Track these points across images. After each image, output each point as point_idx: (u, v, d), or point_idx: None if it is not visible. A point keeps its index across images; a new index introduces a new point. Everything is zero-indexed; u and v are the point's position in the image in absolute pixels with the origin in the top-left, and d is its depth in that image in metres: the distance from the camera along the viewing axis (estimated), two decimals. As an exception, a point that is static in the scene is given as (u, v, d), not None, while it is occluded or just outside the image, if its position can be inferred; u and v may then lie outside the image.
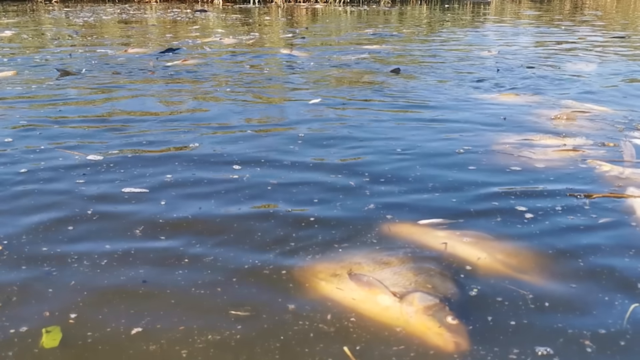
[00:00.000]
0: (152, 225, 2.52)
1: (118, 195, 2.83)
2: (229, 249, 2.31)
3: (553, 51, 8.03)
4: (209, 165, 3.27)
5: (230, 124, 4.13)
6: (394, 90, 5.24)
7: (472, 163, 3.25)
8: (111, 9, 15.36)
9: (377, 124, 4.10)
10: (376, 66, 6.63)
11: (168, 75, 6.01)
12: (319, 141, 3.69)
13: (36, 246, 2.33)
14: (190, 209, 2.69)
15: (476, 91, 5.23)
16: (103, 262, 2.21)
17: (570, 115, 4.21)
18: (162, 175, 3.11)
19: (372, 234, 2.41)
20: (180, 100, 4.89)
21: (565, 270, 2.14)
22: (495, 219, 2.55)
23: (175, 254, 2.27)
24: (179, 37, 9.58)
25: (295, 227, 2.48)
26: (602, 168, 3.14)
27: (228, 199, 2.79)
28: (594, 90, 5.35)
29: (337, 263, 2.17)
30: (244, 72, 6.28)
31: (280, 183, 3.00)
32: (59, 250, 2.30)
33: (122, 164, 3.27)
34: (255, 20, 13.44)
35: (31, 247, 2.31)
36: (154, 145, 3.63)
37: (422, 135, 3.81)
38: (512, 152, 3.45)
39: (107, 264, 2.20)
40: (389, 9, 17.89)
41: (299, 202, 2.76)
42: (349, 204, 2.72)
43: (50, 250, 2.30)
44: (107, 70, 6.26)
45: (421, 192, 2.86)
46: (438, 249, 2.28)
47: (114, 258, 2.24)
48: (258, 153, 3.48)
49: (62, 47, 8.35)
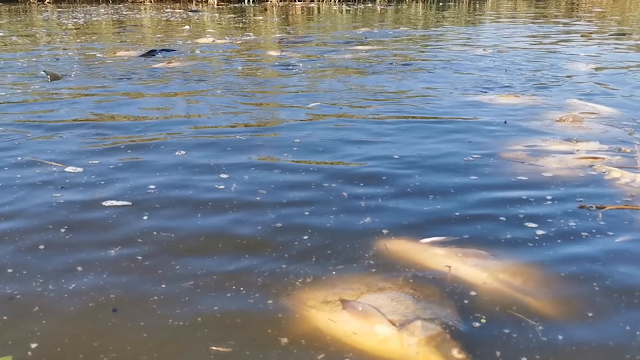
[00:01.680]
0: (131, 243, 2.33)
1: (98, 210, 2.64)
2: (211, 272, 2.11)
3: (550, 50, 7.85)
4: (196, 175, 3.08)
5: (219, 129, 3.95)
6: (388, 93, 5.04)
7: (474, 172, 3.05)
8: (104, 10, 15.15)
9: (373, 129, 3.90)
10: (372, 66, 6.43)
11: (155, 77, 5.80)
12: (314, 147, 3.50)
13: (1, 266, 2.14)
14: (173, 224, 2.50)
15: (473, 93, 5.02)
16: (71, 286, 2.02)
17: (576, 117, 4.00)
18: (145, 186, 2.92)
19: (368, 254, 2.22)
20: (165, 105, 4.68)
21: (580, 296, 1.94)
22: (504, 236, 2.34)
23: (152, 278, 2.07)
24: (171, 38, 9.38)
25: (286, 247, 2.28)
26: (612, 175, 2.94)
27: (213, 213, 2.60)
28: (595, 89, 5.17)
29: (330, 289, 1.98)
30: (235, 74, 6.07)
31: (270, 194, 2.82)
32: (24, 272, 2.11)
33: (103, 174, 3.08)
34: (249, 20, 13.24)
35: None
36: (137, 153, 3.44)
37: (419, 142, 3.60)
38: (517, 159, 3.25)
39: (76, 287, 2.01)
40: (384, 7, 17.71)
41: (289, 216, 2.57)
42: (343, 218, 2.53)
43: (16, 272, 2.11)
44: (94, 74, 6.06)
45: (421, 205, 2.66)
46: (440, 272, 2.09)
47: (84, 282, 2.05)
48: (247, 160, 3.29)
49: (52, 49, 8.14)
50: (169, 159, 3.34)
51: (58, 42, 9.03)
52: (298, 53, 7.49)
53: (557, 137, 3.65)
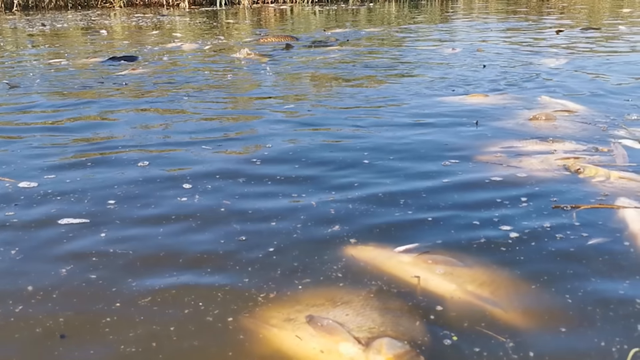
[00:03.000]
0: (85, 262, 2.20)
1: (53, 228, 2.50)
2: (169, 289, 2.00)
3: (522, 46, 7.81)
4: (158, 187, 2.96)
5: (184, 137, 3.81)
6: (359, 95, 4.92)
7: (446, 175, 2.95)
8: (72, 16, 14.88)
9: (343, 133, 3.79)
10: (342, 67, 6.34)
11: (119, 85, 5.63)
12: (282, 155, 3.38)
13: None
14: (132, 240, 2.37)
15: (443, 93, 4.93)
16: (18, 309, 1.90)
17: (548, 115, 3.93)
18: (104, 201, 2.78)
19: (335, 265, 2.11)
20: (128, 114, 4.52)
21: (552, 307, 1.85)
22: (477, 240, 2.26)
23: (106, 298, 1.95)
24: (139, 43, 9.18)
25: (249, 260, 2.17)
26: (587, 173, 2.87)
27: (175, 227, 2.48)
28: (566, 86, 5.12)
29: (294, 305, 1.87)
30: (203, 79, 5.92)
31: (235, 204, 2.70)
32: (-30, 298, 1.98)
33: (60, 189, 2.94)
34: (221, 24, 13.09)
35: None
36: (97, 165, 3.30)
37: (389, 145, 3.49)
38: (491, 161, 3.17)
39: (23, 310, 1.90)
40: (357, 7, 17.66)
41: (254, 227, 2.46)
42: (311, 227, 2.42)
43: (-39, 298, 1.98)
44: (56, 82, 5.87)
45: (392, 211, 2.56)
46: (408, 283, 1.99)
47: (32, 304, 1.92)
48: (212, 170, 3.17)
49: (16, 57, 7.92)
50: (130, 170, 3.21)
51: (23, 50, 8.80)
52: (268, 56, 7.36)
53: (531, 137, 3.58)
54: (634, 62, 6.26)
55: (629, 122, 3.87)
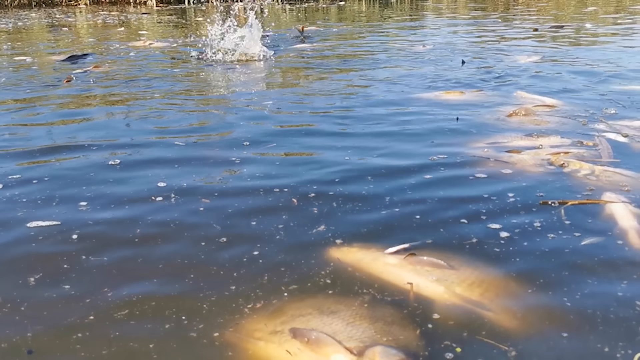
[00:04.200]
0: (57, 270, 2.06)
1: (20, 231, 2.35)
2: (149, 299, 1.88)
3: (492, 44, 7.80)
4: (131, 186, 2.83)
5: (155, 135, 3.66)
6: (334, 94, 4.81)
7: (430, 172, 2.87)
8: (35, 14, 14.48)
9: (323, 131, 3.67)
10: (314, 64, 6.23)
11: (81, 82, 5.42)
12: (259, 152, 3.27)
13: None
14: (106, 244, 2.25)
15: (418, 90, 4.84)
16: (-18, 323, 1.76)
17: (528, 110, 3.90)
18: (76, 202, 2.64)
19: (322, 270, 2.01)
20: (94, 112, 4.35)
21: (552, 311, 1.76)
22: (468, 240, 2.17)
23: (79, 310, 1.82)
24: (105, 41, 8.92)
25: (233, 265, 2.06)
26: (571, 168, 2.82)
27: (151, 229, 2.36)
28: (540, 82, 5.10)
29: (280, 316, 1.76)
30: (171, 77, 5.73)
31: (213, 203, 2.59)
32: None
33: (27, 191, 2.78)
34: (189, 22, 12.87)
35: None
36: (66, 165, 3.14)
37: (370, 143, 3.39)
38: (475, 156, 3.10)
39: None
40: (328, 5, 17.56)
41: (235, 228, 2.35)
42: (294, 228, 2.32)
43: None
44: (15, 80, 5.64)
45: (378, 210, 2.47)
46: (399, 289, 1.89)
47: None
48: (187, 167, 3.05)
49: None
50: (101, 170, 3.07)
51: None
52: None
53: (513, 132, 3.53)
54: (604, 58, 6.29)
55: (608, 115, 3.86)
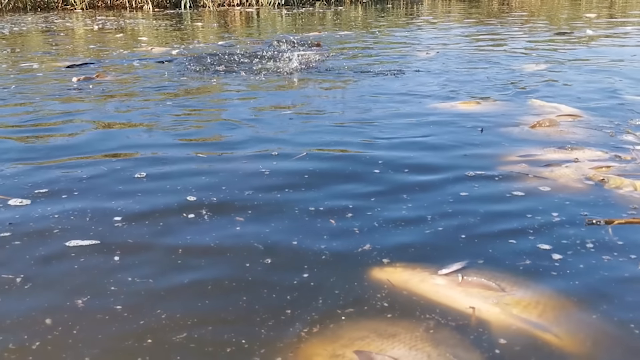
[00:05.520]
0: (104, 291, 2.03)
1: (63, 252, 2.31)
2: (205, 322, 1.85)
3: (496, 50, 7.81)
4: (161, 200, 2.80)
5: (176, 146, 3.64)
6: (347, 105, 4.77)
7: (467, 189, 2.84)
8: (31, 19, 14.37)
9: (344, 142, 3.65)
10: (321, 73, 6.18)
11: (92, 92, 5.36)
12: (290, 165, 3.24)
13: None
14: (150, 264, 2.22)
15: (431, 100, 4.80)
16: (35, 345, 1.74)
17: (552, 121, 3.87)
18: (109, 219, 2.60)
19: (373, 291, 1.99)
20: (107, 122, 4.29)
21: (619, 336, 1.73)
22: (521, 261, 2.14)
23: (134, 334, 1.79)
24: (105, 47, 8.86)
25: (284, 287, 2.03)
26: (612, 184, 2.79)
27: (190, 248, 2.33)
28: (553, 90, 5.11)
29: (338, 340, 1.73)
30: (178, 84, 5.68)
31: (249, 222, 2.57)
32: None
33: (57, 207, 2.74)
34: (187, 27, 12.82)
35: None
36: (90, 178, 3.10)
37: (397, 159, 3.31)
38: (509, 172, 3.06)
39: (41, 347, 1.73)
40: (324, 11, 17.56)
41: (276, 248, 2.32)
42: (338, 248, 2.29)
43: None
44: (32, 88, 5.59)
45: (421, 228, 2.44)
46: (457, 312, 1.87)
47: (50, 340, 1.76)
48: (215, 181, 3.03)
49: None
50: (128, 182, 3.04)
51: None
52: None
53: (542, 145, 3.49)
54: (612, 66, 6.32)
55: (635, 126, 3.85)
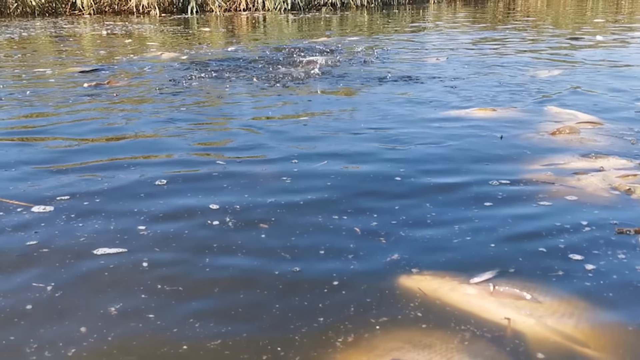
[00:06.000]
0: (135, 299, 2.04)
1: (92, 261, 2.31)
2: (239, 330, 1.86)
3: (507, 56, 7.77)
4: (184, 208, 2.80)
5: (193, 153, 3.64)
6: (355, 111, 4.75)
7: (492, 198, 2.81)
8: (40, 24, 14.42)
9: (365, 149, 3.64)
10: (338, 80, 6.17)
11: (110, 98, 5.36)
12: (311, 173, 3.25)
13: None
14: (179, 272, 2.23)
15: (446, 107, 4.78)
16: (71, 352, 1.75)
17: (572, 128, 3.85)
18: (134, 226, 2.61)
19: (405, 300, 1.99)
20: (123, 127, 4.28)
21: None
22: (553, 272, 2.13)
23: (170, 343, 1.80)
24: (115, 53, 8.86)
25: (317, 296, 2.03)
26: (638, 193, 2.78)
27: (217, 258, 2.33)
28: (568, 97, 5.08)
29: (373, 350, 1.73)
30: (187, 90, 5.65)
31: (273, 229, 2.57)
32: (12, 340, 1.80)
33: (80, 213, 2.75)
34: (195, 32, 12.85)
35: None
36: (111, 185, 3.10)
37: (418, 167, 3.29)
38: (534, 180, 3.04)
39: (77, 354, 1.74)
40: (330, 16, 17.59)
41: (304, 257, 2.32)
42: (366, 257, 2.29)
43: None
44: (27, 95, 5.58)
45: (447, 237, 2.43)
46: (490, 321, 1.86)
47: (84, 348, 1.76)
48: (236, 188, 3.03)
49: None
50: (149, 189, 3.04)
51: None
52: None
53: (564, 153, 3.47)
54: (625, 71, 6.31)
55: (656, 134, 3.83)
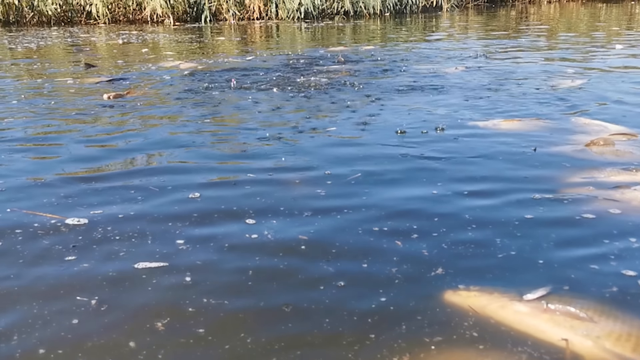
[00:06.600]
0: (182, 314, 2.02)
1: (134, 274, 2.29)
2: (290, 347, 1.83)
3: (525, 65, 7.69)
4: (218, 221, 2.79)
5: (223, 165, 3.63)
6: (380, 122, 4.70)
7: (533, 211, 2.76)
8: (56, 33, 14.53)
9: (396, 160, 3.61)
10: (351, 89, 6.13)
11: (129, 108, 5.35)
12: (344, 182, 3.23)
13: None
14: (222, 286, 2.20)
15: (472, 118, 4.72)
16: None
17: (607, 140, 3.79)
18: (172, 239, 2.59)
19: (460, 318, 1.96)
20: (152, 139, 4.27)
21: None
22: (607, 288, 2.09)
23: (222, 356, 1.78)
24: (133, 62, 8.88)
25: (365, 311, 2.00)
26: None
27: (260, 272, 2.31)
28: (595, 107, 5.00)
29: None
30: (210, 101, 5.63)
31: (313, 243, 2.54)
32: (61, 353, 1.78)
33: (116, 226, 2.73)
34: (210, 41, 12.89)
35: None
36: (143, 198, 3.08)
37: (450, 176, 3.27)
38: (572, 194, 2.98)
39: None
40: (343, 24, 17.62)
41: (345, 269, 2.29)
42: (410, 271, 2.26)
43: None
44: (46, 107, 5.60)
45: (491, 251, 2.39)
46: (550, 344, 1.81)
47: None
48: (270, 200, 3.02)
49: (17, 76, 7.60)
50: (183, 204, 3.01)
51: (6, 69, 8.41)
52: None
53: (603, 165, 3.41)
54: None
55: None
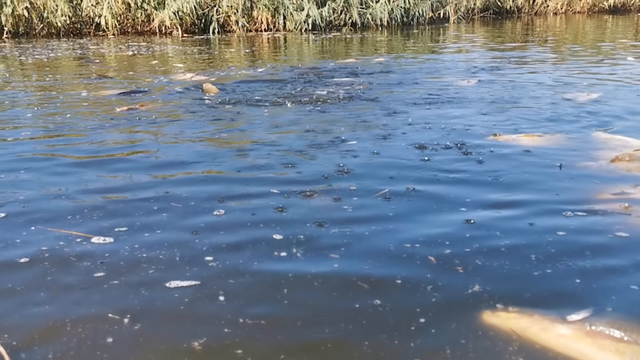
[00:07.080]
0: (218, 332, 2.01)
1: (166, 294, 2.27)
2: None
3: (538, 78, 7.65)
4: (245, 237, 2.77)
5: (245, 180, 3.59)
6: (397, 137, 4.67)
7: (566, 229, 2.72)
8: (66, 45, 14.58)
9: (419, 175, 3.58)
10: (365, 102, 6.12)
11: (146, 123, 5.33)
12: (370, 198, 3.20)
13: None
14: (256, 304, 2.19)
15: (489, 133, 4.65)
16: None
17: (632, 156, 3.76)
18: (201, 257, 2.56)
19: (503, 343, 1.93)
20: (174, 154, 4.24)
21: None
22: None
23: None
24: (143, 75, 8.88)
25: (402, 330, 1.99)
26: None
27: (293, 288, 2.29)
28: (614, 122, 4.94)
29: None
30: (224, 114, 5.61)
31: (345, 259, 2.52)
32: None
33: (143, 245, 2.71)
34: (219, 53, 12.91)
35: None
36: (169, 218, 3.03)
37: (478, 193, 3.23)
38: (603, 211, 2.94)
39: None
40: (351, 36, 17.65)
41: (379, 287, 2.28)
42: (447, 289, 2.24)
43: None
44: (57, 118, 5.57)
45: (526, 269, 2.37)
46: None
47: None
48: (295, 215, 3.00)
49: (10, 90, 7.61)
50: (208, 220, 2.98)
51: (17, 81, 8.39)
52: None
53: (633, 182, 3.37)
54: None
55: None
